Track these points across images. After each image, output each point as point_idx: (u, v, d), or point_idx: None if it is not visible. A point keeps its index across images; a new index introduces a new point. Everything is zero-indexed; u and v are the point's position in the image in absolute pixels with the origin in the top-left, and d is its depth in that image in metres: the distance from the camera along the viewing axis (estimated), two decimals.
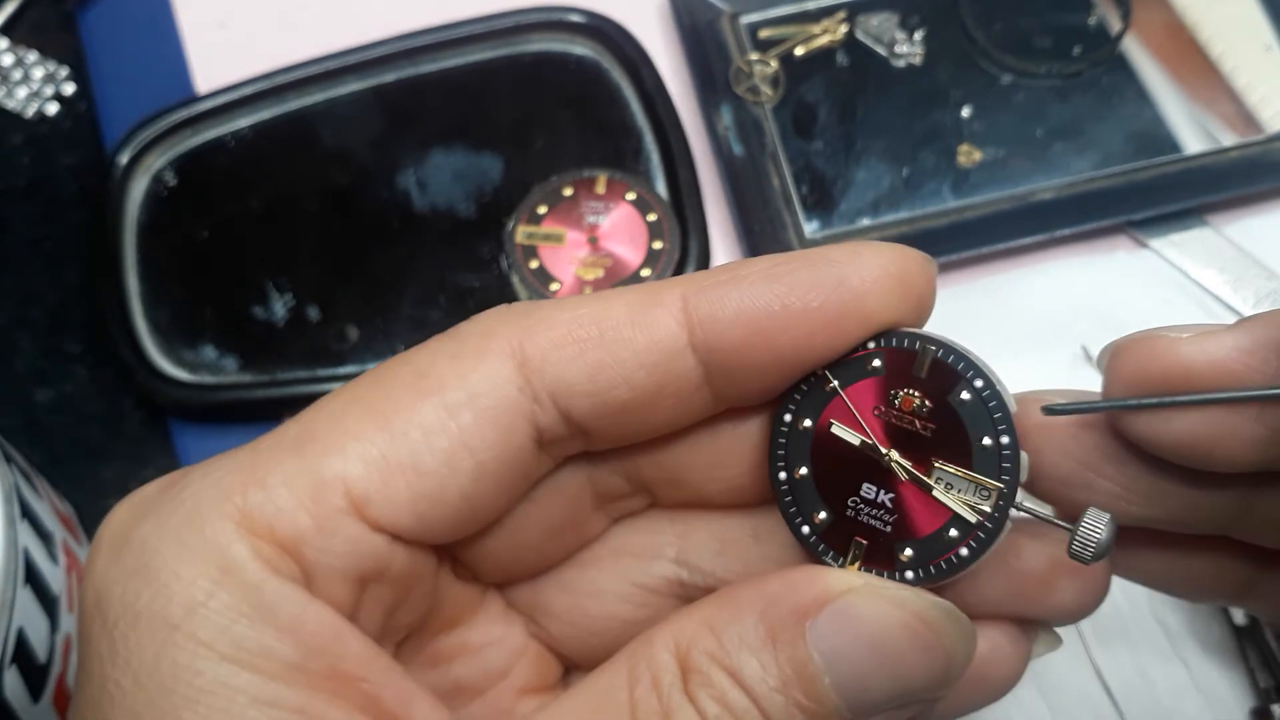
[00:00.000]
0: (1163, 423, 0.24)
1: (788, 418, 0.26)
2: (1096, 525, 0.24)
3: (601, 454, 0.28)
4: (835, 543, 0.26)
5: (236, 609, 0.22)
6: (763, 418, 0.27)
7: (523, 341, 0.25)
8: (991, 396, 0.25)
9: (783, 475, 0.26)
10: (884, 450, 0.25)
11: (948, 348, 0.26)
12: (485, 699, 0.28)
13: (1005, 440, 0.25)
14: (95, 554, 0.24)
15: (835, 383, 0.26)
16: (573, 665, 0.30)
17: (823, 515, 0.26)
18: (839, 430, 0.26)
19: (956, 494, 0.25)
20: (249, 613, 0.22)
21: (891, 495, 0.25)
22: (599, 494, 0.28)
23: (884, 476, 0.25)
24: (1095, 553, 0.24)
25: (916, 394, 0.25)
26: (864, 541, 0.25)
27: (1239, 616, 0.38)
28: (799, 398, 0.26)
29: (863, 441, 0.26)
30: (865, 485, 0.26)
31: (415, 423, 0.24)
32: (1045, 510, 0.25)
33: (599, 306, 0.25)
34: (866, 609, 0.23)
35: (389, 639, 0.26)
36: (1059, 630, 0.27)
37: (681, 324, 0.25)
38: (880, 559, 0.25)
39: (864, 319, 0.25)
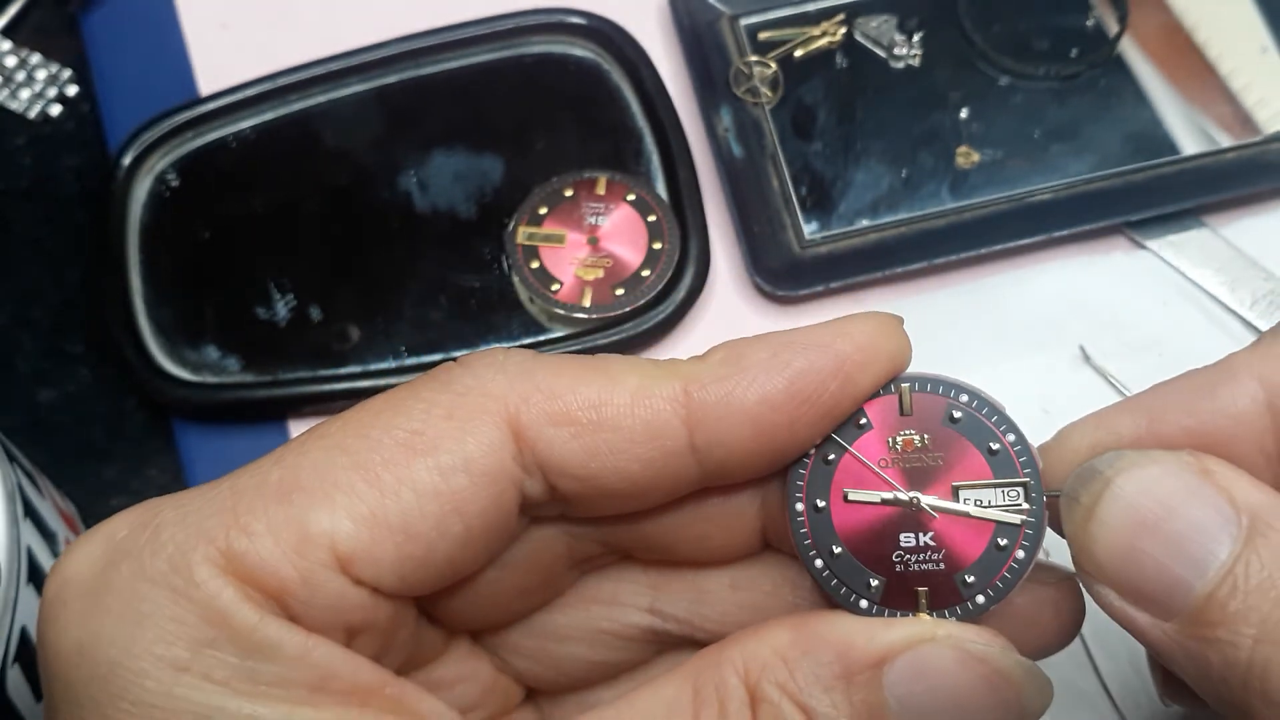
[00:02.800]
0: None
1: (799, 507, 0.26)
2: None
3: (581, 525, 0.27)
4: (898, 602, 0.26)
5: (244, 647, 0.22)
6: (752, 490, 0.27)
7: (520, 409, 0.24)
8: (981, 405, 0.26)
9: (819, 563, 0.26)
10: (908, 496, 0.26)
11: (921, 378, 0.26)
12: None
13: (1011, 438, 0.26)
14: (68, 596, 0.23)
15: (835, 453, 0.26)
16: (535, 690, 0.30)
17: (874, 582, 0.26)
18: (856, 496, 0.26)
19: (990, 505, 0.26)
20: (256, 650, 0.22)
21: (931, 534, 0.26)
22: (574, 559, 0.28)
23: (917, 520, 0.26)
24: None
25: (913, 431, 0.26)
26: (925, 588, 0.26)
27: None
28: (801, 484, 0.26)
29: (883, 498, 0.26)
30: (903, 536, 0.26)
31: (407, 482, 0.23)
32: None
33: (602, 387, 0.25)
34: (948, 661, 0.23)
35: None
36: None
37: (684, 420, 0.25)
38: (947, 597, 0.26)
39: (857, 395, 0.26)
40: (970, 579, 0.26)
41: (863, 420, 0.26)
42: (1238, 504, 0.23)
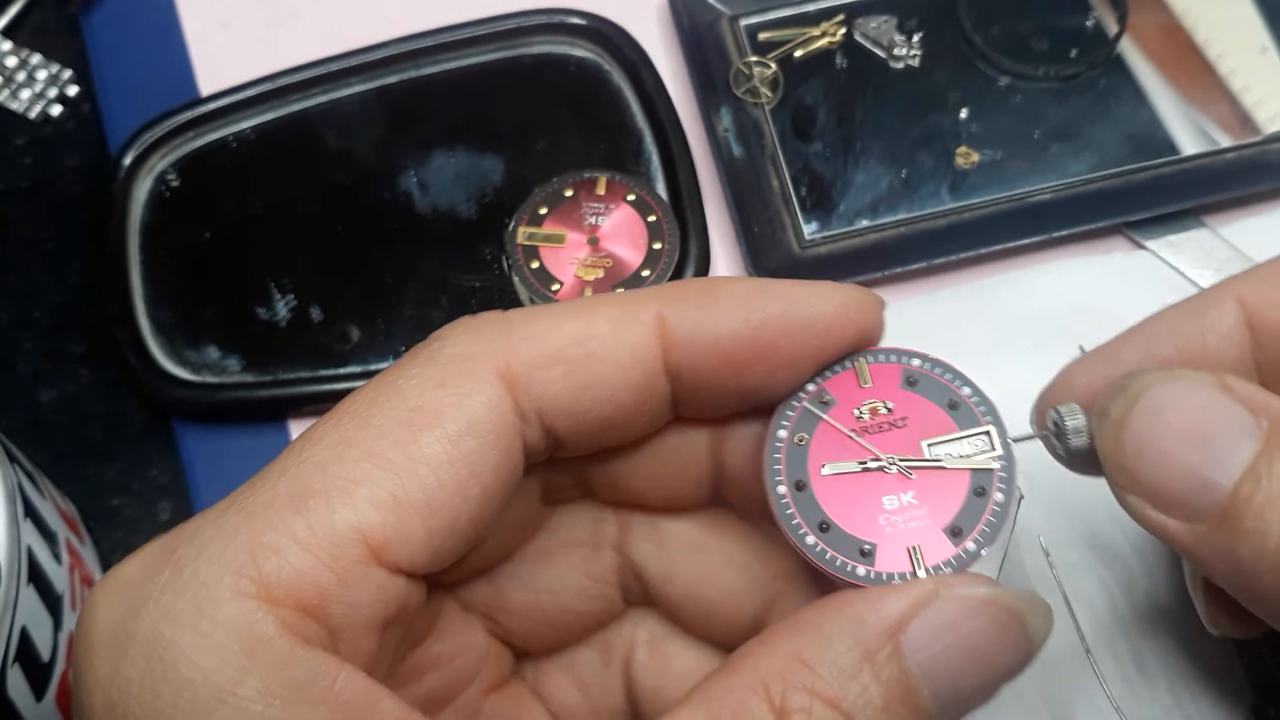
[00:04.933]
0: None
1: (781, 489, 0.27)
2: (1074, 416, 0.27)
3: (558, 461, 0.28)
4: (893, 563, 0.26)
5: (268, 691, 0.21)
6: (706, 435, 0.28)
7: (509, 361, 0.25)
8: (933, 365, 0.27)
9: (810, 539, 0.26)
10: (885, 458, 0.27)
11: (873, 351, 0.27)
12: (455, 705, 0.28)
13: (967, 391, 0.27)
14: (92, 653, 0.22)
15: (807, 432, 0.27)
16: (523, 653, 0.30)
17: (866, 549, 0.26)
18: (832, 469, 0.27)
19: (962, 457, 0.27)
20: (281, 693, 0.21)
21: (912, 493, 0.26)
22: (546, 491, 0.29)
23: (895, 482, 0.26)
24: (1088, 438, 0.27)
25: (875, 400, 0.27)
26: (917, 545, 0.26)
27: None
28: (779, 467, 0.27)
29: (861, 464, 0.27)
30: (885, 499, 0.26)
31: (419, 458, 0.23)
32: (1028, 430, 0.28)
33: (581, 322, 0.25)
34: (957, 613, 0.24)
35: (390, 672, 0.26)
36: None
37: (659, 341, 0.25)
38: (939, 550, 0.26)
39: (822, 353, 0.27)
40: (956, 529, 0.26)
41: (825, 398, 0.27)
42: (1256, 410, 0.25)
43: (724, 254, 0.47)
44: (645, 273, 0.46)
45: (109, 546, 0.44)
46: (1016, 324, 0.45)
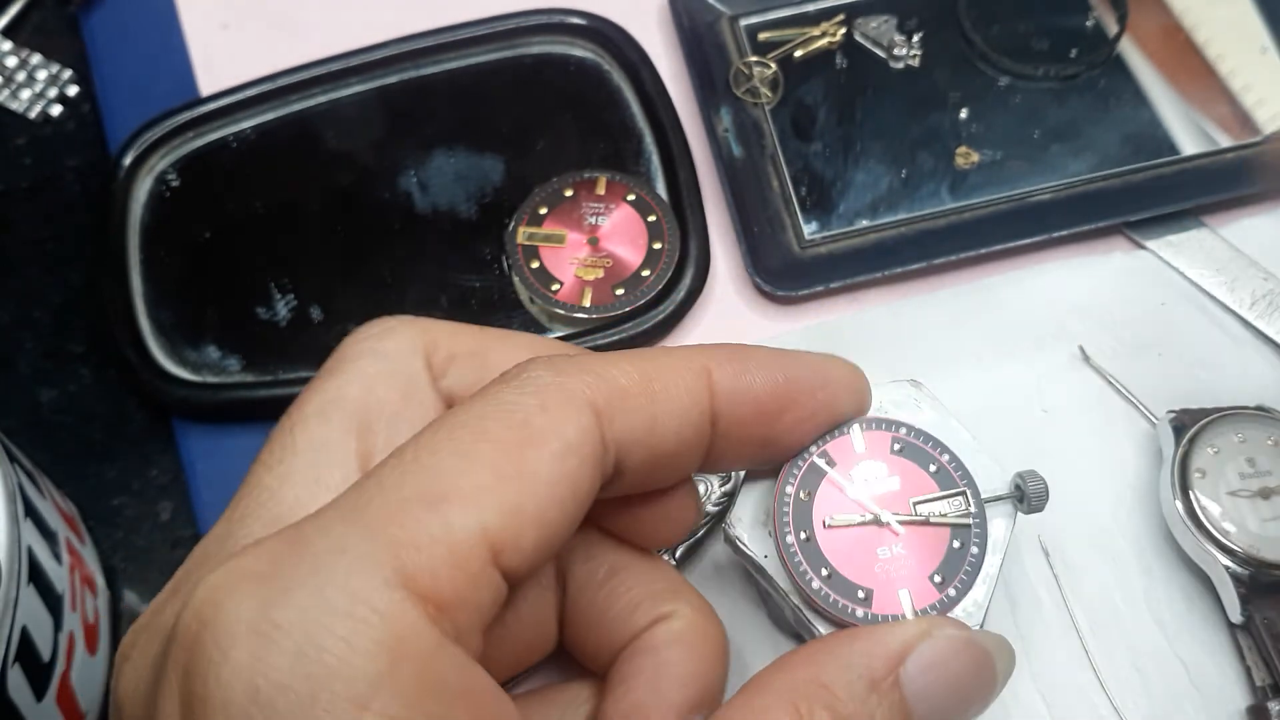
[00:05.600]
0: None
1: (790, 539, 0.30)
2: (1035, 481, 0.31)
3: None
4: (885, 606, 0.30)
5: (420, 680, 0.22)
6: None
7: (595, 394, 0.27)
8: (917, 434, 0.31)
9: (815, 584, 0.30)
10: (879, 514, 0.31)
11: (866, 420, 0.31)
12: None
13: (946, 457, 0.31)
14: (228, 643, 0.22)
15: (810, 489, 0.31)
16: None
17: (863, 594, 0.30)
18: (837, 521, 0.31)
19: (943, 514, 0.31)
20: (431, 684, 0.22)
21: (901, 545, 0.30)
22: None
23: (888, 535, 0.30)
24: (1047, 497, 0.31)
25: (869, 462, 0.31)
26: (906, 590, 0.30)
27: (1234, 614, 0.38)
28: (788, 520, 0.31)
29: (860, 519, 0.31)
30: (879, 550, 0.30)
31: (535, 474, 0.25)
32: (998, 491, 0.31)
33: (647, 366, 0.28)
34: (946, 651, 0.28)
35: None
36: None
37: (709, 388, 0.28)
38: (924, 595, 0.30)
39: (834, 412, 0.31)
40: (939, 578, 0.30)
41: (822, 463, 0.31)
42: None
43: (724, 254, 0.47)
44: (645, 272, 0.46)
45: (109, 546, 0.44)
46: (1016, 324, 0.45)
